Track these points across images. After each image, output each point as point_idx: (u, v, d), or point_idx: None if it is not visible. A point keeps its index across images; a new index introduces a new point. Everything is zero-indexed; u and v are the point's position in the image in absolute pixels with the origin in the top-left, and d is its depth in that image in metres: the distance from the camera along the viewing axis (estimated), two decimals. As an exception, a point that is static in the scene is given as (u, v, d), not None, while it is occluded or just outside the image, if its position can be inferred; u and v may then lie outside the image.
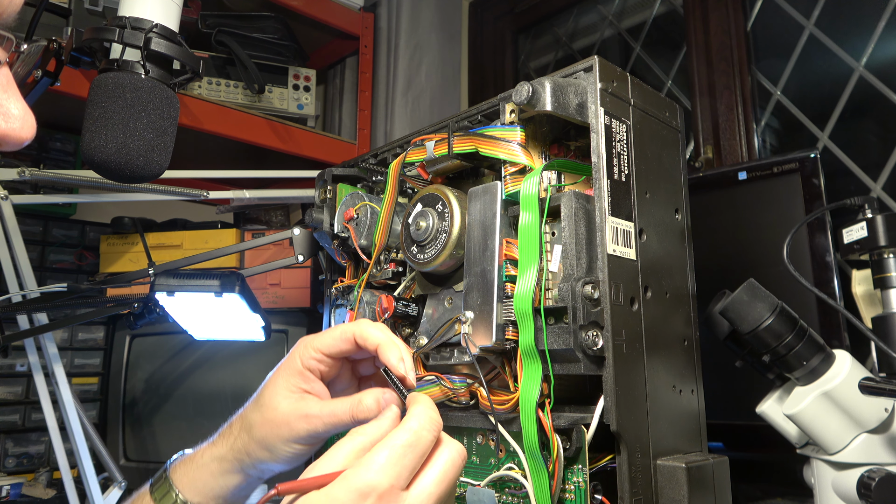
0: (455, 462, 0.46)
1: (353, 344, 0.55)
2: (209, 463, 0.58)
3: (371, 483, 0.41)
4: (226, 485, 0.57)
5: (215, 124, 1.44)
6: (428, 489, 0.44)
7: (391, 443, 0.43)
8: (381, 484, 0.41)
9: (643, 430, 0.57)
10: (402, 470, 0.43)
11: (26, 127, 0.40)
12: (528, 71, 2.06)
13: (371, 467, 0.42)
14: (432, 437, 0.45)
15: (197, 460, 0.58)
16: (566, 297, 0.56)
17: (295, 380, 0.56)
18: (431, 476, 0.44)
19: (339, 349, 0.56)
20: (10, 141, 0.41)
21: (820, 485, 0.79)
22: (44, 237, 1.50)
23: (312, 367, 0.56)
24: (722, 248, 1.13)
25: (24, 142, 0.41)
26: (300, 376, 0.56)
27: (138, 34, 0.65)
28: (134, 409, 1.40)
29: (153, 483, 0.59)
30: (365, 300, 0.78)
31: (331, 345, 0.56)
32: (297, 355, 0.57)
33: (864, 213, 0.95)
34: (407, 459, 0.43)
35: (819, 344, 0.75)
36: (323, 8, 1.72)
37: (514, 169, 0.63)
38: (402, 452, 0.43)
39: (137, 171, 0.66)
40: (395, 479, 0.42)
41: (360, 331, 0.55)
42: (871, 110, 1.31)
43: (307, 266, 1.41)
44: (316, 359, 0.56)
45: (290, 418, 0.54)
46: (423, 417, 0.46)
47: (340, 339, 0.55)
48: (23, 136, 0.40)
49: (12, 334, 1.05)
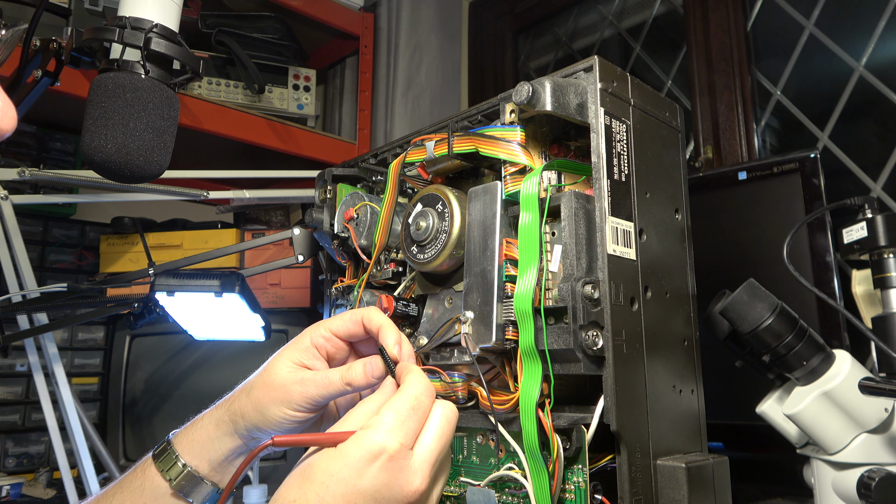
0: (449, 419, 0.51)
1: (361, 326, 0.59)
2: (207, 425, 0.60)
3: (381, 443, 0.46)
4: (221, 448, 0.59)
5: (215, 124, 1.44)
6: (430, 446, 0.49)
7: (396, 407, 0.49)
8: (390, 443, 0.46)
9: (643, 430, 0.57)
10: (408, 430, 0.48)
11: (6, 119, 0.39)
12: (528, 71, 2.06)
13: (380, 429, 0.47)
14: (430, 401, 0.51)
15: (196, 423, 0.61)
16: (566, 297, 0.56)
17: (300, 354, 0.59)
18: (431, 434, 0.50)
19: (348, 329, 0.60)
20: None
21: (820, 485, 0.79)
22: (44, 237, 1.50)
23: (320, 345, 0.60)
24: (722, 248, 1.13)
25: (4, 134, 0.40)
26: (306, 352, 0.59)
27: (138, 34, 0.65)
28: (134, 409, 1.40)
29: (156, 450, 0.60)
30: (365, 300, 0.78)
31: (340, 325, 0.60)
32: (307, 333, 0.61)
33: (864, 213, 0.95)
34: (411, 421, 0.49)
35: (819, 344, 0.75)
36: (323, 8, 1.72)
37: (514, 169, 0.63)
38: (406, 415, 0.49)
39: (137, 171, 0.66)
40: (403, 438, 0.47)
41: (367, 314, 0.59)
42: (871, 110, 1.31)
43: (307, 266, 1.41)
44: (325, 337, 0.60)
45: (286, 382, 0.57)
46: (420, 384, 0.52)
47: (350, 320, 0.60)
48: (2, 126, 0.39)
49: (12, 334, 1.05)
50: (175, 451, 0.59)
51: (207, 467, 0.59)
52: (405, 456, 0.47)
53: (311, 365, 0.59)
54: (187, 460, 0.59)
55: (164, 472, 0.58)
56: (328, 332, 0.60)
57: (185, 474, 0.58)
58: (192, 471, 0.58)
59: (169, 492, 0.58)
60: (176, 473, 0.58)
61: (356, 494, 0.45)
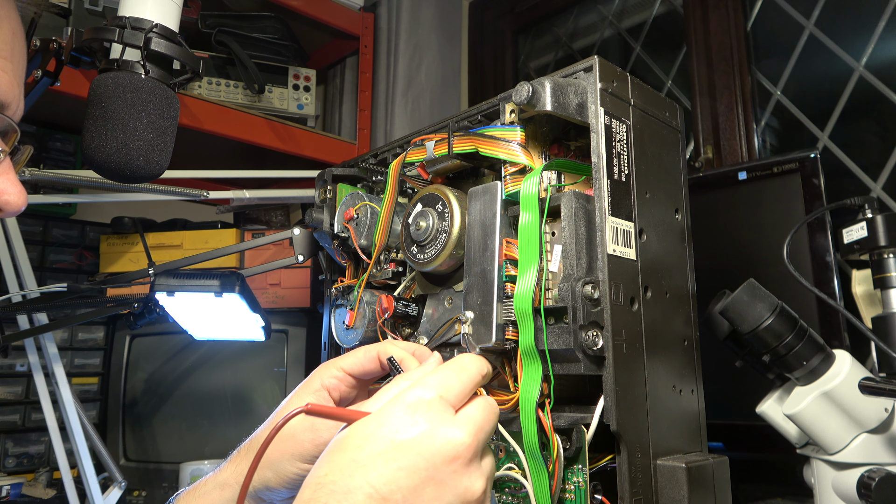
0: (494, 406, 0.47)
1: (377, 362, 0.56)
2: (211, 491, 0.56)
3: (418, 395, 0.43)
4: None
5: (215, 124, 1.44)
6: (475, 416, 0.44)
7: (440, 368, 0.46)
8: (427, 394, 0.43)
9: (643, 430, 0.57)
10: (449, 388, 0.44)
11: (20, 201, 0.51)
12: (528, 71, 2.06)
13: (417, 386, 0.44)
14: (476, 369, 0.47)
15: (199, 489, 0.57)
16: (566, 297, 0.56)
17: (309, 398, 0.56)
18: (477, 406, 0.45)
19: (362, 367, 0.57)
20: (7, 212, 0.51)
21: (820, 485, 0.79)
22: (44, 237, 1.50)
23: (331, 386, 0.56)
24: (722, 248, 1.13)
25: (19, 210, 0.51)
26: (316, 396, 0.56)
27: (138, 34, 0.65)
28: (134, 409, 1.40)
29: None
30: (365, 300, 0.78)
31: (353, 363, 0.57)
32: (317, 375, 0.57)
33: (864, 213, 0.95)
34: (455, 380, 0.45)
35: (819, 344, 0.75)
36: (323, 8, 1.72)
37: (514, 169, 0.63)
38: (447, 375, 0.45)
39: (137, 171, 0.66)
40: (443, 391, 0.43)
41: (382, 348, 0.56)
42: (871, 110, 1.31)
43: (307, 266, 1.41)
44: (337, 377, 0.57)
45: (296, 430, 0.53)
46: (467, 356, 0.49)
47: (364, 357, 0.56)
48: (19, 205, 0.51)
49: (12, 334, 1.05)
50: None
51: None
52: (446, 408, 0.43)
53: None
54: None
55: None
56: (340, 372, 0.56)
57: None
58: None
59: None
60: None
61: (395, 450, 0.40)
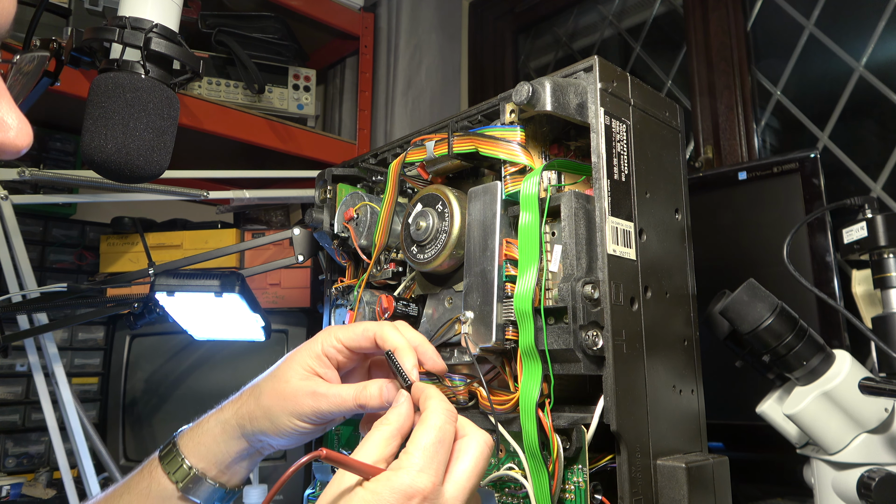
0: (483, 453, 0.49)
1: (373, 343, 0.58)
2: (213, 427, 0.59)
3: (414, 485, 0.45)
4: (227, 450, 0.59)
5: (215, 124, 1.44)
6: (461, 482, 0.47)
7: (422, 443, 0.47)
8: (423, 484, 0.45)
9: (643, 430, 0.57)
10: (437, 466, 0.47)
11: (21, 135, 0.40)
12: (528, 71, 2.06)
13: (410, 469, 0.45)
14: (453, 428, 0.49)
15: (202, 425, 0.60)
16: (566, 297, 0.56)
17: (312, 361, 0.58)
18: (463, 468, 0.48)
19: (359, 344, 0.58)
20: (7, 150, 0.41)
21: (820, 485, 0.79)
22: (44, 237, 1.50)
23: (331, 354, 0.59)
24: (722, 248, 1.13)
25: (21, 150, 0.41)
26: (317, 359, 0.58)
27: (138, 34, 0.65)
28: (134, 409, 1.40)
29: (162, 450, 0.60)
30: (365, 300, 0.78)
31: (351, 338, 0.59)
32: (319, 339, 0.59)
33: (864, 213, 0.95)
34: (440, 456, 0.47)
35: (819, 344, 0.75)
36: (323, 8, 1.72)
37: (514, 169, 0.63)
38: (434, 450, 0.47)
39: (137, 171, 0.66)
40: (434, 476, 0.46)
41: (381, 332, 0.57)
42: (871, 110, 1.31)
43: (307, 266, 1.41)
44: (336, 347, 0.59)
45: (298, 393, 0.56)
46: (442, 412, 0.49)
47: (362, 335, 0.58)
48: (19, 144, 0.40)
49: (12, 334, 1.05)
50: (181, 454, 0.59)
51: (214, 469, 0.59)
52: (437, 494, 0.46)
53: (322, 373, 0.58)
54: (193, 462, 0.59)
55: (170, 475, 0.58)
56: (339, 343, 0.59)
57: (191, 476, 0.58)
58: (198, 473, 0.58)
59: (176, 494, 0.58)
60: (182, 475, 0.58)
61: None
